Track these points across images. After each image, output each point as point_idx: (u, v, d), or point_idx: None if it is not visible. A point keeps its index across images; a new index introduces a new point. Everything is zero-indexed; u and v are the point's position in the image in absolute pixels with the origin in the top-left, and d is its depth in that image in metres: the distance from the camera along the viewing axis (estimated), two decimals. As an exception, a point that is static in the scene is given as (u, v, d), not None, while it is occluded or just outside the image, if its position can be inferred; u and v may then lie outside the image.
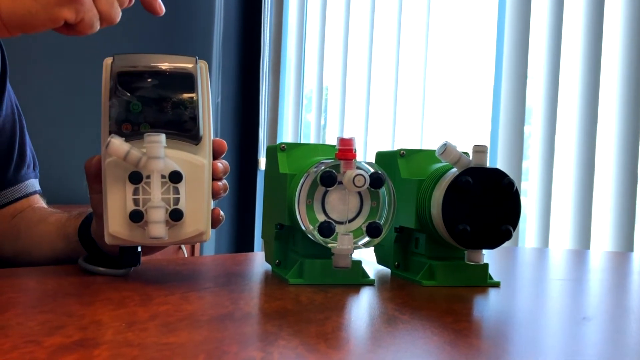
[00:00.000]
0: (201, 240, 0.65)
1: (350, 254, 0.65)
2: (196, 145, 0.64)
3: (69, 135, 2.30)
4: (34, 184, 0.93)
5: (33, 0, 0.63)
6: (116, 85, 0.62)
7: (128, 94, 0.62)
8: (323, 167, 0.66)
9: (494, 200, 0.68)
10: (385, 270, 0.80)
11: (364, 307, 0.62)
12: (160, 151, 0.61)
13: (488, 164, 0.69)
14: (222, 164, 0.68)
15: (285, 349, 0.44)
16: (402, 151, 0.76)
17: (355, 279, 0.69)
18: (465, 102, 2.31)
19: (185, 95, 0.63)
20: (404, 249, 0.77)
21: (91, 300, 0.59)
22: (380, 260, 0.82)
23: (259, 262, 0.83)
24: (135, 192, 0.62)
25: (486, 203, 0.68)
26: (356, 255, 0.68)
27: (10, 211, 0.89)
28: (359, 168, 0.65)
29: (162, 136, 0.61)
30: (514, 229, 0.68)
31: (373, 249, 0.81)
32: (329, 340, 0.47)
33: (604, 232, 1.98)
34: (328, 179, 0.65)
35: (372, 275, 0.73)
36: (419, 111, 2.43)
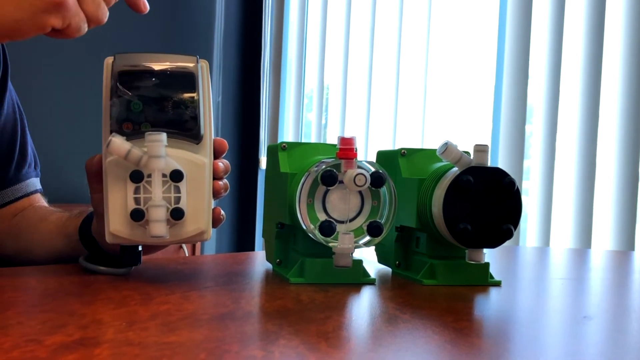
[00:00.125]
0: (202, 239, 0.65)
1: (351, 253, 0.65)
2: (197, 144, 0.64)
3: (70, 134, 2.30)
4: (35, 183, 0.93)
5: (19, 9, 0.62)
6: (117, 84, 0.62)
7: (129, 93, 0.62)
8: (324, 166, 0.66)
9: (495, 199, 0.68)
10: (386, 269, 0.80)
11: (364, 306, 0.62)
12: (161, 150, 0.61)
13: (489, 163, 0.69)
14: (223, 163, 0.68)
15: (286, 348, 0.44)
16: (403, 150, 0.76)
17: (356, 278, 0.69)
18: (466, 101, 2.31)
19: (186, 95, 0.63)
20: (404, 248, 0.77)
21: (92, 299, 0.59)
22: (381, 259, 0.82)
23: (259, 261, 0.83)
24: (136, 191, 0.62)
25: (487, 202, 0.68)
26: (357, 255, 0.68)
27: (11, 210, 0.89)
28: (359, 167, 0.65)
29: (163, 135, 0.61)
30: (515, 228, 0.68)
31: (374, 248, 0.81)
32: (330, 340, 0.47)
33: (605, 231, 1.98)
34: (329, 178, 0.65)
35: (373, 275, 0.73)
36: (419, 110, 2.43)
